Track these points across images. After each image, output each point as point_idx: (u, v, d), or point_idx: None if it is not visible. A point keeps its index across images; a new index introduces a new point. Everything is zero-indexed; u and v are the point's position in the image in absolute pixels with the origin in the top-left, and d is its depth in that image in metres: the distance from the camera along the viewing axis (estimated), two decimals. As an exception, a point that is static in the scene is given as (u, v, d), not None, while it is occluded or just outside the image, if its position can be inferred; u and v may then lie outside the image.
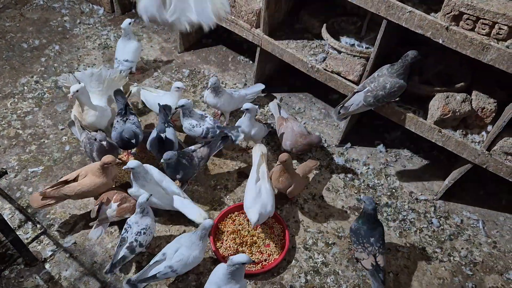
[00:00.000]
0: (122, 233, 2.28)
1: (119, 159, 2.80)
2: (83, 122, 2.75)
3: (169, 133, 2.65)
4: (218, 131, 2.75)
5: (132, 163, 2.35)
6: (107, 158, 2.39)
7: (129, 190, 2.44)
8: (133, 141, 2.61)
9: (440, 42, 2.22)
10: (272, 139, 3.12)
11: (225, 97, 2.94)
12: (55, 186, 2.38)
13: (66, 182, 2.40)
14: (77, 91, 2.63)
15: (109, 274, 2.28)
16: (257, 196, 2.43)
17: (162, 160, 2.45)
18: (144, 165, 2.43)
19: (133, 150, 2.95)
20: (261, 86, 3.20)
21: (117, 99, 2.82)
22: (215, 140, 2.68)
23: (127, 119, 2.71)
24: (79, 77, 2.87)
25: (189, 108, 2.75)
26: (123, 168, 2.50)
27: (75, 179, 2.42)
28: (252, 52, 3.68)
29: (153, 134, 2.65)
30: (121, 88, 2.99)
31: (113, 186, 2.57)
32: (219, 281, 2.02)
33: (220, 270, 2.04)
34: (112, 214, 2.39)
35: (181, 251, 2.15)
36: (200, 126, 2.76)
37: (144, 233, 2.26)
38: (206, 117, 2.82)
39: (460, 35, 2.15)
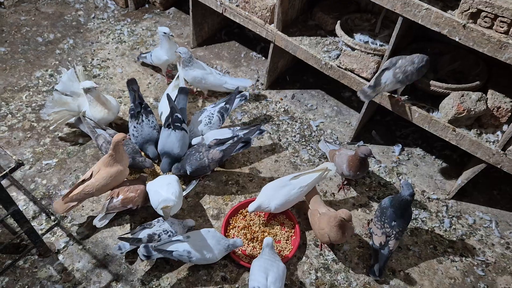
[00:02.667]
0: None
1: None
2: (94, 118, 2.78)
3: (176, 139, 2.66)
4: (240, 135, 2.76)
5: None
6: (118, 136, 2.35)
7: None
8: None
9: (457, 40, 2.20)
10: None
11: (196, 73, 3.09)
12: (74, 189, 2.39)
13: (83, 182, 2.41)
14: (89, 88, 2.67)
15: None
16: (277, 188, 2.46)
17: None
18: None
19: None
20: (247, 82, 3.23)
21: (130, 89, 2.83)
22: (234, 144, 2.65)
23: (142, 121, 2.72)
24: (60, 88, 2.87)
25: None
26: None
27: (90, 177, 2.43)
28: (265, 48, 3.69)
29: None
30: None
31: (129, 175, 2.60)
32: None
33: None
34: (116, 202, 2.40)
35: (204, 243, 2.17)
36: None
37: (169, 236, 2.33)
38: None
39: (477, 33, 2.13)
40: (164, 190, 2.30)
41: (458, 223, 2.73)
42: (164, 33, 3.12)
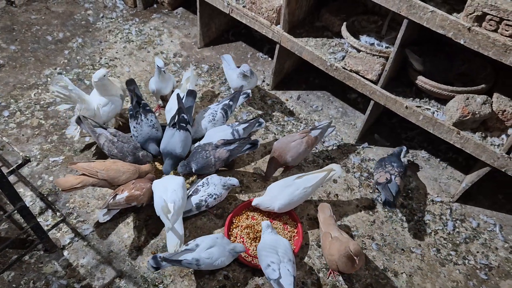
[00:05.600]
0: (197, 182, 2.57)
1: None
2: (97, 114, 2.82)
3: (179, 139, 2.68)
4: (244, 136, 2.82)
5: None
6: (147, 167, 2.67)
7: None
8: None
9: (462, 42, 2.20)
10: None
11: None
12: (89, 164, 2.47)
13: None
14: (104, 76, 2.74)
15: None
16: (282, 187, 2.49)
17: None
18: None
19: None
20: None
21: (129, 89, 2.87)
22: (241, 144, 2.68)
23: (141, 120, 2.76)
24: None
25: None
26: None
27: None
28: (271, 49, 3.71)
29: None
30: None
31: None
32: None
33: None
34: (121, 199, 2.42)
35: (213, 250, 2.19)
36: None
37: (215, 199, 2.51)
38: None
39: (482, 36, 2.12)
40: (168, 196, 2.33)
41: (462, 226, 2.72)
42: (158, 66, 2.98)
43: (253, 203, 2.54)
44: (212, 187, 2.51)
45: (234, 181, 2.54)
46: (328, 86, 3.52)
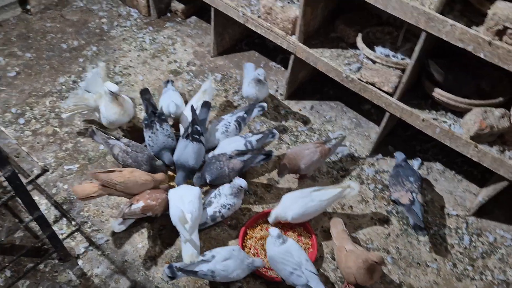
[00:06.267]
0: (210, 193, 2.56)
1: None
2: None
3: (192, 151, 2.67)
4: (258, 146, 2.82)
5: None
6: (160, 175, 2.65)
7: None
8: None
9: (482, 56, 2.18)
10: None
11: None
12: (104, 172, 2.46)
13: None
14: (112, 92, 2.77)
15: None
16: (297, 198, 2.48)
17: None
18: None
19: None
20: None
21: (144, 98, 2.88)
22: (255, 155, 2.67)
23: (157, 130, 2.76)
24: (84, 85, 2.97)
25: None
26: None
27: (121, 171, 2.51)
28: (285, 59, 3.71)
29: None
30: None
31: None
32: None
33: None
34: (136, 209, 2.41)
35: (228, 262, 2.17)
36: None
37: (229, 209, 2.48)
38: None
39: (503, 50, 2.11)
40: (185, 207, 2.32)
41: (478, 241, 2.69)
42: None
43: (270, 220, 2.51)
44: (224, 197, 2.50)
45: (241, 181, 2.45)
46: (342, 96, 3.51)
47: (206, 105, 2.90)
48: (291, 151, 2.75)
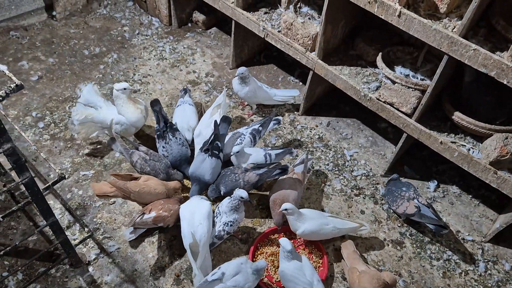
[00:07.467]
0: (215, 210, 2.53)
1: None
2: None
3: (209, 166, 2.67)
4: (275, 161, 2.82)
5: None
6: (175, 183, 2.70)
7: None
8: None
9: (505, 82, 2.15)
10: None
11: (251, 87, 3.17)
12: (122, 177, 2.51)
13: (131, 177, 2.53)
14: (125, 89, 2.80)
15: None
16: (315, 214, 2.50)
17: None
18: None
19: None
20: (295, 92, 3.34)
21: (155, 110, 2.90)
22: (270, 170, 2.65)
23: (170, 139, 2.78)
24: (82, 100, 2.95)
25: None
26: None
27: (137, 178, 2.53)
28: (303, 74, 3.71)
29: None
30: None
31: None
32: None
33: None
34: (148, 219, 2.42)
35: (238, 278, 2.16)
36: None
37: (231, 225, 2.44)
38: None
39: (527, 77, 2.08)
40: (195, 230, 2.31)
41: (494, 268, 2.63)
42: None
43: (284, 206, 2.41)
44: (224, 216, 2.45)
45: (241, 192, 2.40)
46: (359, 113, 3.48)
47: (226, 120, 2.87)
48: (276, 196, 2.62)
